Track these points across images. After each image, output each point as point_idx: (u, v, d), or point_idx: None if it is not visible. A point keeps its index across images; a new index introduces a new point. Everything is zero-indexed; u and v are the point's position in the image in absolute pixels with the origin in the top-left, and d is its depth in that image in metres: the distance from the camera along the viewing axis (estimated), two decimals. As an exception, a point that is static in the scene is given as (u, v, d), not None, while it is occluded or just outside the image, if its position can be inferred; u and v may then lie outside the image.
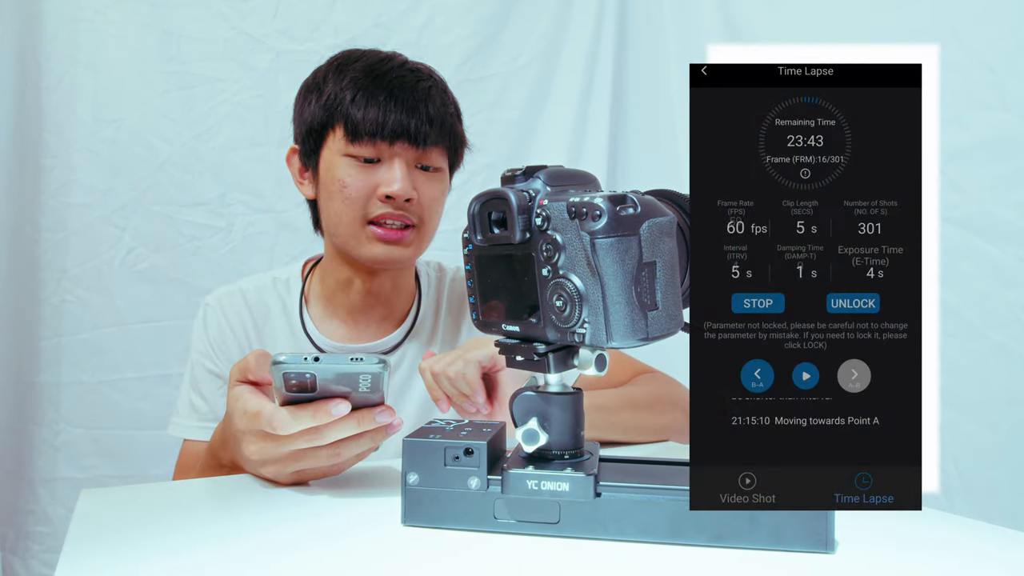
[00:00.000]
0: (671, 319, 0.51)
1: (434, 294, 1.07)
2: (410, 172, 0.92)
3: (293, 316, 1.01)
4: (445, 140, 0.95)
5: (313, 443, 0.61)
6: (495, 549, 0.52)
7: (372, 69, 0.93)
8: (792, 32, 1.43)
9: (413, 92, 0.92)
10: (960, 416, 1.17)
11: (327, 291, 1.01)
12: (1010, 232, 1.14)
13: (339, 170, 0.92)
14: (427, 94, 0.93)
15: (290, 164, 1.01)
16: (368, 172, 0.92)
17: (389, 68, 0.93)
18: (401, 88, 0.91)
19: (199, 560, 0.51)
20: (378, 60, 0.94)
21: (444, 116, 0.94)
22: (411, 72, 0.94)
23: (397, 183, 0.91)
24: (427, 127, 0.91)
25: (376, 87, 0.91)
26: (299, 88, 0.99)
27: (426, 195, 0.94)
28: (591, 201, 0.49)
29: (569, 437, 0.56)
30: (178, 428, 1.00)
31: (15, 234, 1.45)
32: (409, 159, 0.93)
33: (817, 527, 0.50)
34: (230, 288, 1.03)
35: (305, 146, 0.96)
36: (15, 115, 1.43)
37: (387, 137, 0.90)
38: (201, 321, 1.01)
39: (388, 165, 0.92)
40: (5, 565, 1.48)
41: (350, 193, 0.92)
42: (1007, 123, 1.13)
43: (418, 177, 0.93)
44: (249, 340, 1.00)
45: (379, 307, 1.01)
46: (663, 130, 1.73)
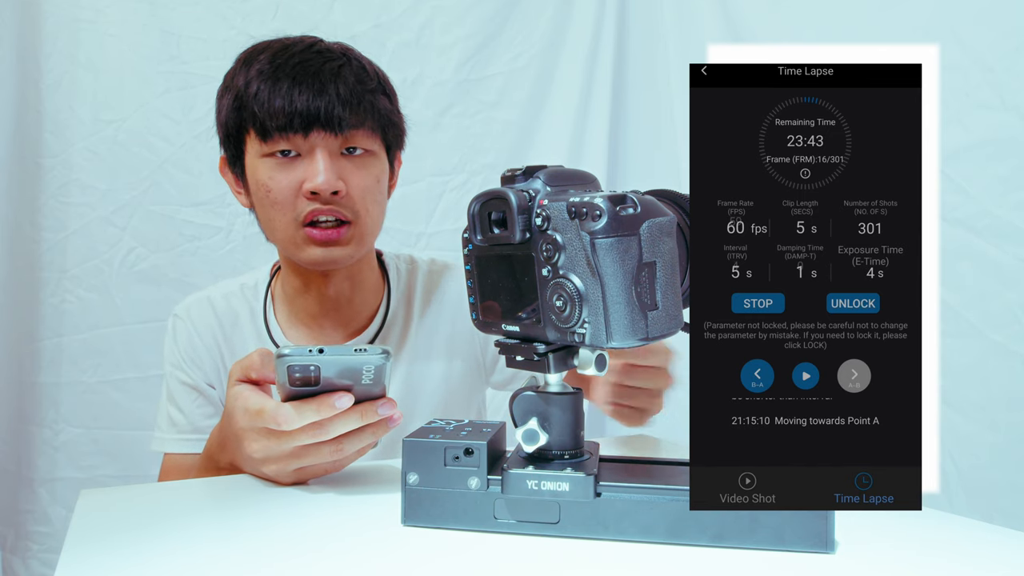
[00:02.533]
0: (671, 319, 0.51)
1: (404, 289, 1.02)
2: (334, 162, 0.85)
3: (259, 321, 0.98)
4: (367, 120, 0.87)
5: (317, 438, 0.61)
6: (495, 549, 0.52)
7: (275, 58, 0.86)
8: (792, 32, 1.43)
9: (319, 75, 0.84)
10: (960, 416, 1.17)
11: (288, 297, 0.97)
12: (1010, 232, 1.14)
13: (261, 173, 0.86)
14: (336, 74, 0.85)
15: (225, 176, 0.95)
16: (289, 169, 0.85)
17: (292, 54, 0.86)
18: (305, 72, 0.84)
19: (199, 560, 0.51)
20: (281, 48, 0.87)
21: (361, 94, 0.86)
22: (317, 54, 0.87)
23: (320, 175, 0.84)
24: (340, 109, 0.84)
25: (279, 76, 0.84)
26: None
27: (357, 184, 0.87)
28: (591, 201, 0.49)
29: (569, 437, 0.56)
30: (158, 443, 0.97)
31: (15, 234, 1.45)
32: (331, 147, 0.85)
33: (817, 527, 0.50)
34: (199, 296, 1.00)
35: (228, 153, 0.91)
36: (15, 115, 1.43)
37: (298, 129, 0.83)
38: (171, 333, 0.98)
39: (309, 158, 0.85)
40: (5, 565, 1.48)
41: (275, 196, 0.86)
42: (1007, 123, 1.13)
43: (344, 166, 0.86)
44: (219, 348, 0.97)
45: (341, 310, 0.97)
46: (663, 130, 1.73)
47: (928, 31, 1.21)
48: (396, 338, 1.00)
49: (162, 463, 0.97)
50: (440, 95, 1.70)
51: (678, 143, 1.68)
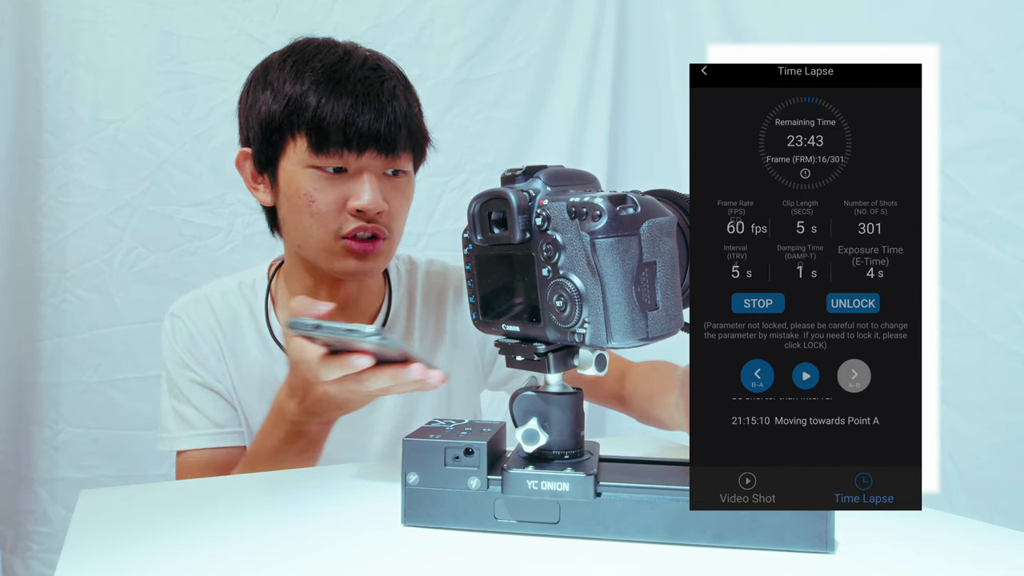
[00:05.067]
0: (671, 319, 0.51)
1: (405, 290, 1.03)
2: (380, 182, 0.87)
3: (260, 321, 0.97)
4: (412, 142, 0.89)
5: (358, 386, 0.66)
6: (495, 549, 0.52)
7: (333, 70, 0.86)
8: (792, 32, 1.43)
9: (379, 96, 0.85)
10: (960, 416, 1.17)
11: (293, 295, 0.95)
12: (1010, 232, 1.14)
13: (304, 183, 0.86)
14: (392, 95, 0.86)
15: (241, 169, 0.94)
16: (336, 184, 0.86)
17: (352, 68, 0.86)
18: (367, 92, 0.85)
19: (199, 560, 0.51)
20: (338, 59, 0.87)
21: (411, 117, 0.88)
22: (373, 71, 0.87)
23: (367, 196, 0.85)
24: (396, 132, 0.85)
25: (340, 91, 0.84)
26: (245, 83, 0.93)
27: (395, 204, 0.89)
28: (591, 201, 0.49)
29: (569, 437, 0.56)
30: (169, 442, 0.95)
31: (15, 234, 1.44)
32: (377, 168, 0.87)
33: (817, 527, 0.50)
34: (195, 295, 1.00)
35: (262, 153, 0.90)
36: (15, 115, 1.43)
37: (354, 148, 0.84)
38: (169, 332, 0.97)
39: (356, 177, 0.86)
40: (5, 565, 1.48)
41: (319, 208, 0.86)
42: (1007, 123, 1.13)
43: (387, 186, 0.88)
44: (220, 347, 0.96)
45: (346, 311, 0.97)
46: (663, 130, 1.73)
47: (928, 31, 1.21)
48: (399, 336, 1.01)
49: (178, 463, 0.95)
50: (440, 95, 1.70)
51: (678, 143, 1.68)
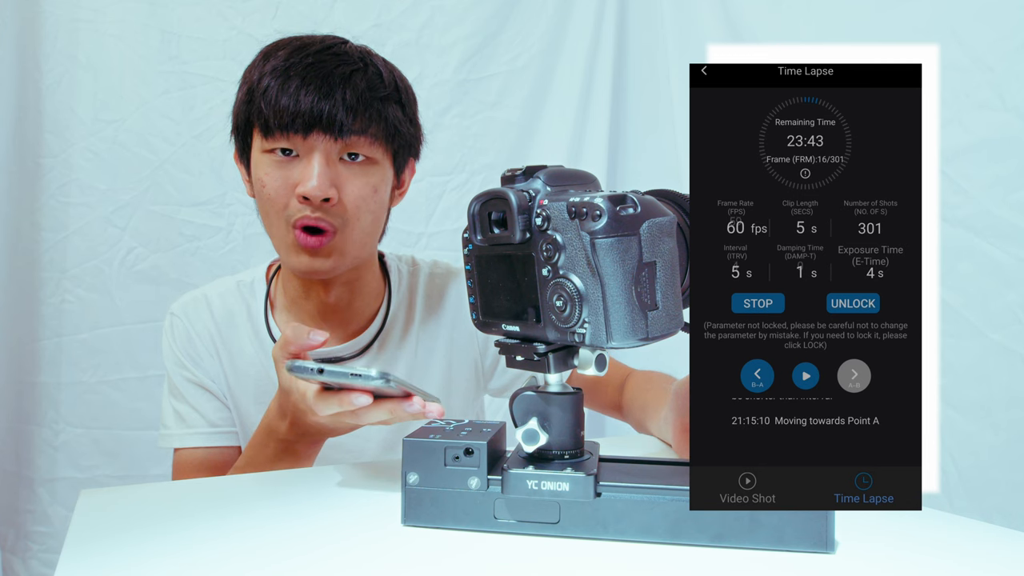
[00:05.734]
0: (671, 319, 0.51)
1: (405, 292, 1.02)
2: (330, 167, 0.84)
3: (258, 321, 0.98)
4: (371, 127, 0.85)
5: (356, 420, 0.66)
6: (495, 549, 0.52)
7: (291, 56, 0.85)
8: (792, 32, 1.43)
9: (329, 78, 0.84)
10: (960, 416, 1.17)
11: (289, 298, 0.97)
12: (1010, 232, 1.14)
13: (259, 168, 0.87)
14: (346, 79, 0.84)
15: (238, 165, 0.95)
16: (285, 168, 0.85)
17: (307, 54, 0.85)
18: (316, 74, 0.84)
19: (199, 560, 0.51)
20: (300, 46, 0.87)
21: (369, 101, 0.85)
22: (334, 56, 0.86)
23: (312, 180, 0.83)
24: (343, 114, 0.83)
25: (289, 75, 0.84)
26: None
27: (351, 192, 0.85)
28: (591, 201, 0.49)
29: (569, 437, 0.56)
30: (166, 439, 0.97)
31: (15, 234, 1.45)
32: (330, 151, 0.84)
33: (817, 527, 0.50)
34: (195, 294, 1.00)
35: (237, 145, 0.92)
36: (15, 115, 1.43)
37: (299, 129, 0.83)
38: (168, 331, 0.98)
39: (305, 160, 0.84)
40: (5, 565, 1.48)
41: (268, 193, 0.86)
42: (1007, 123, 1.13)
43: (341, 172, 0.85)
44: (216, 347, 0.97)
45: (341, 313, 0.97)
46: (663, 130, 1.73)
47: (928, 31, 1.21)
48: (396, 340, 1.00)
49: (174, 460, 0.97)
50: (440, 95, 1.70)
51: (678, 143, 1.68)
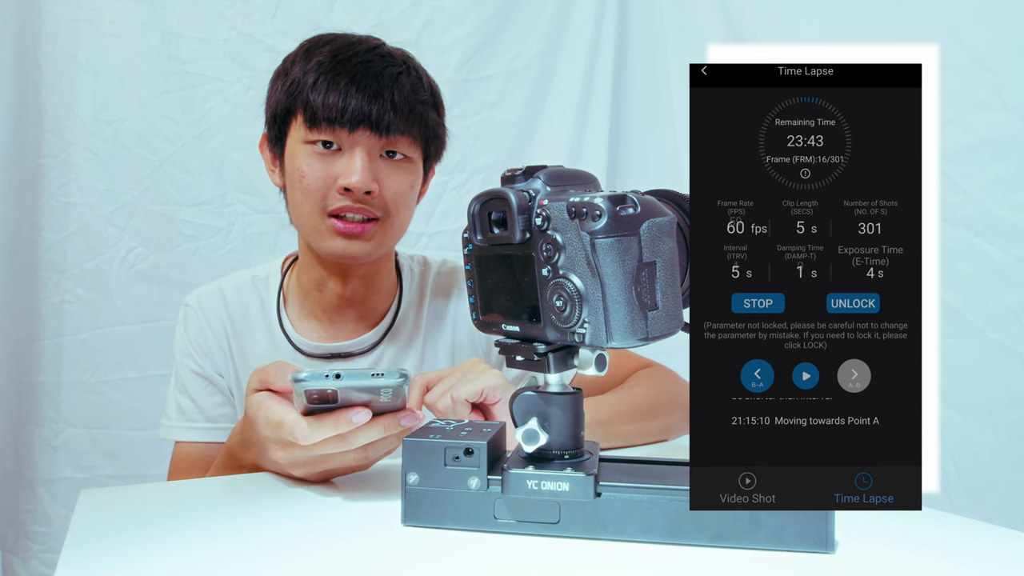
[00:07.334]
0: (671, 319, 0.51)
1: (416, 290, 1.04)
2: (372, 162, 0.88)
3: (271, 315, 0.99)
4: (414, 128, 0.90)
5: (339, 448, 0.61)
6: (495, 549, 0.52)
7: (338, 53, 0.88)
8: (792, 32, 1.43)
9: (378, 78, 0.87)
10: (960, 416, 1.17)
11: (302, 290, 0.99)
12: (1010, 232, 1.14)
13: (299, 159, 0.89)
14: (394, 80, 0.88)
15: (263, 152, 0.98)
16: (327, 161, 0.88)
17: (355, 52, 0.89)
18: (366, 73, 0.87)
19: (199, 560, 0.51)
20: (346, 44, 0.90)
21: (413, 103, 0.89)
22: (380, 57, 0.89)
23: (356, 175, 0.86)
24: (391, 114, 0.86)
25: (339, 72, 0.87)
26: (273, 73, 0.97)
27: (390, 187, 0.89)
28: (591, 201, 0.49)
29: (569, 437, 0.56)
30: (166, 430, 0.99)
31: (15, 234, 1.45)
32: (372, 148, 0.88)
33: (817, 527, 0.50)
34: (210, 287, 1.02)
35: (272, 133, 0.94)
36: (15, 115, 1.43)
37: (346, 124, 0.86)
38: (182, 322, 1.00)
39: (348, 154, 0.87)
40: (5, 565, 1.48)
41: (308, 184, 0.88)
42: (1007, 123, 1.13)
43: (381, 167, 0.89)
44: (228, 339, 0.98)
45: (355, 307, 0.99)
46: (663, 130, 1.73)
47: (928, 31, 1.21)
48: (405, 337, 1.01)
49: (173, 452, 0.98)
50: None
51: (678, 143, 1.68)
